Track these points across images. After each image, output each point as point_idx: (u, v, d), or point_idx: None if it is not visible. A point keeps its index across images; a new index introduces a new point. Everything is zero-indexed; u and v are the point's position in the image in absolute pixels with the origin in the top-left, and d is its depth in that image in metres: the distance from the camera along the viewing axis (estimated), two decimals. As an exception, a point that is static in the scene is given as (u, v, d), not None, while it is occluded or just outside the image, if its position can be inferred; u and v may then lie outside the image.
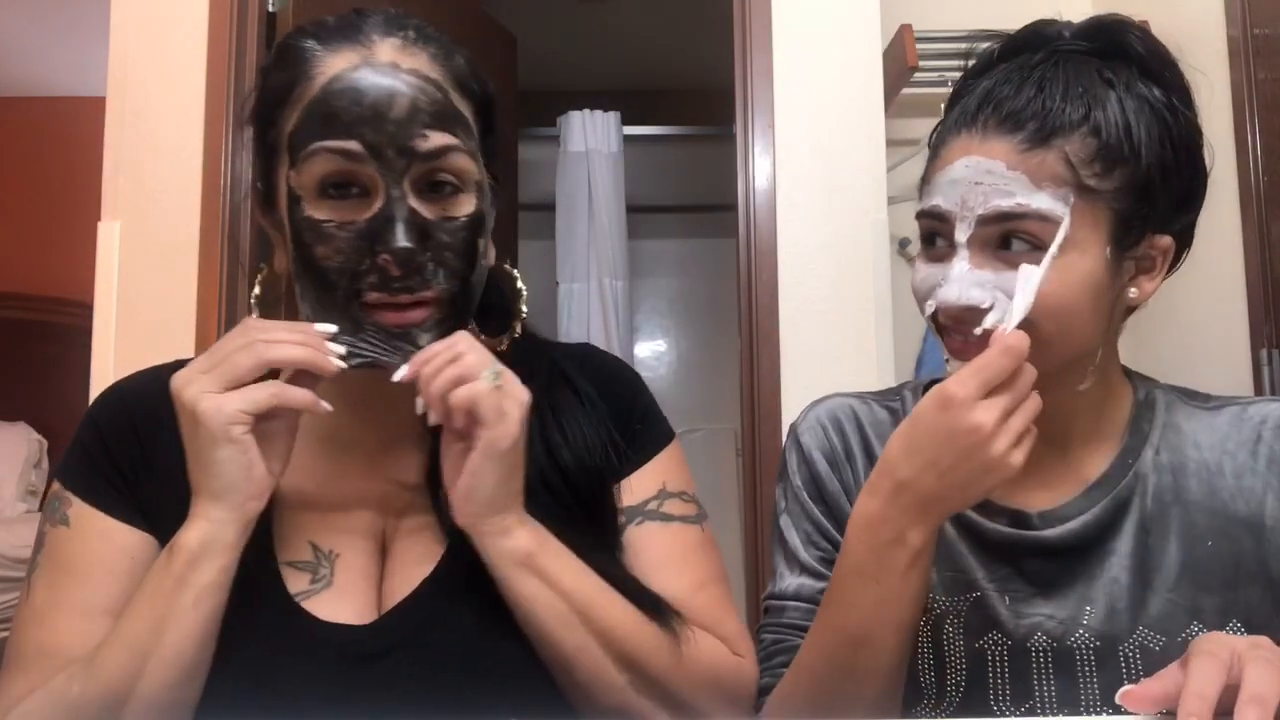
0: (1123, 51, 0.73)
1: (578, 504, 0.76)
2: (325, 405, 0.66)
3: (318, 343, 0.65)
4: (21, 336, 3.67)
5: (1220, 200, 1.80)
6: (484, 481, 0.66)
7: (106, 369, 1.69)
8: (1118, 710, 0.70)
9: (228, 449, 0.62)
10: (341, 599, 0.70)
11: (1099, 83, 0.71)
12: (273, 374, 0.66)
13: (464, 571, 0.70)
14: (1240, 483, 0.74)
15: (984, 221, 0.69)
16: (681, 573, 0.77)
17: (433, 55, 0.70)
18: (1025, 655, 0.73)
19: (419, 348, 0.67)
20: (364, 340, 0.67)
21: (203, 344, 1.68)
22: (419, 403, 0.66)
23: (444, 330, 0.68)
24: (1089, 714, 0.71)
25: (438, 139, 0.66)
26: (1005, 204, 0.68)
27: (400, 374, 0.66)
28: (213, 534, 0.63)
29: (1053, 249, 0.68)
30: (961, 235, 0.70)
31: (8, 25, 3.40)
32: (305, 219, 0.66)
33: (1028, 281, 0.68)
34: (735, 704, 0.75)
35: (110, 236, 1.73)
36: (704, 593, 0.77)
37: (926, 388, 0.85)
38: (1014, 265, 0.68)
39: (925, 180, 0.75)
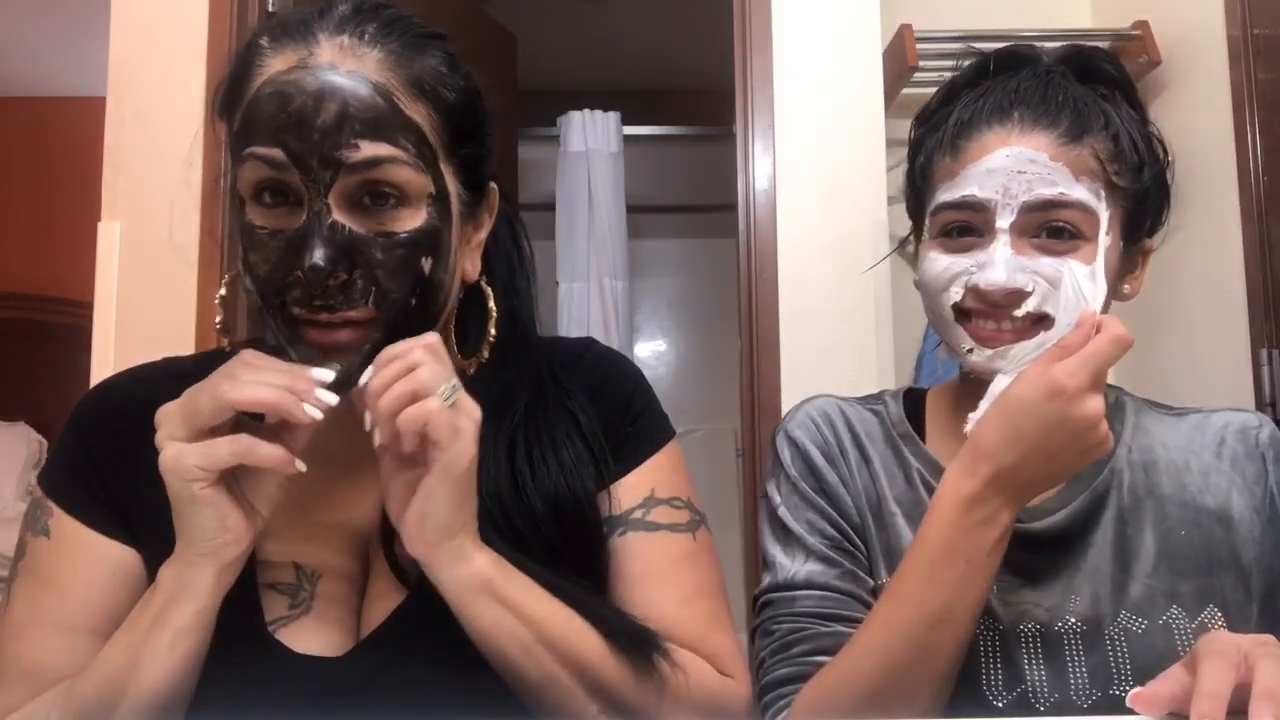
0: (1101, 76, 0.78)
1: (545, 546, 0.71)
2: (300, 465, 0.61)
3: (303, 386, 0.59)
4: (21, 336, 3.67)
5: (1220, 200, 1.80)
6: (439, 506, 0.61)
7: (106, 369, 1.68)
8: (1108, 700, 0.71)
9: (191, 505, 0.59)
10: (317, 628, 0.67)
11: (1099, 98, 0.76)
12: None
13: (437, 598, 0.67)
14: (1207, 479, 0.79)
15: (1028, 209, 0.72)
16: (666, 587, 0.73)
17: (386, 55, 0.64)
18: (1015, 640, 0.75)
19: None
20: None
21: (202, 344, 1.68)
22: (367, 418, 0.61)
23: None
24: (1078, 696, 0.73)
25: (370, 149, 0.61)
26: (1049, 193, 0.72)
27: (366, 376, 0.61)
28: (188, 577, 0.61)
29: (1102, 238, 0.72)
30: (1003, 222, 0.72)
31: (8, 25, 3.40)
32: (244, 223, 0.63)
33: (1096, 272, 0.71)
34: None
35: (110, 236, 1.72)
36: (690, 607, 0.74)
37: (906, 394, 0.90)
38: (1050, 253, 0.72)
39: (941, 177, 0.78)
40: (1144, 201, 0.77)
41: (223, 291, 0.71)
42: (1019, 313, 0.72)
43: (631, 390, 0.80)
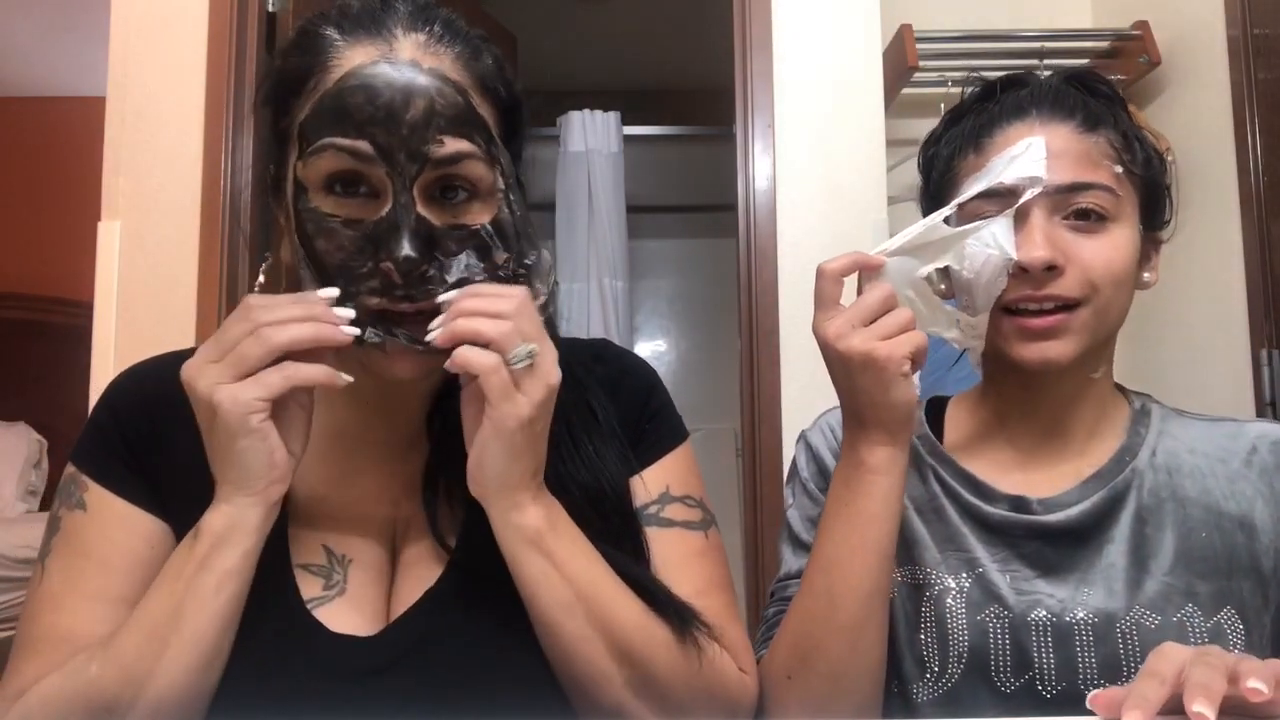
0: (1098, 93, 0.82)
1: (593, 531, 0.72)
2: (344, 377, 0.62)
3: (324, 312, 0.62)
4: (21, 336, 3.67)
5: (1220, 200, 1.80)
6: (491, 458, 0.63)
7: (106, 369, 1.69)
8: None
9: (247, 439, 0.60)
10: (352, 608, 0.69)
11: (1101, 104, 0.80)
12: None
13: (468, 579, 0.69)
14: (1233, 486, 0.79)
15: (1056, 192, 0.76)
16: (682, 579, 0.74)
17: (458, 54, 0.66)
18: (1025, 629, 0.76)
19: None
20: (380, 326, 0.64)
21: (202, 343, 1.68)
22: (436, 321, 0.63)
23: None
24: (1085, 685, 0.74)
25: (453, 145, 0.63)
26: (1074, 176, 0.76)
27: (447, 295, 0.63)
28: (236, 518, 0.62)
29: (1127, 219, 0.77)
30: (1035, 205, 0.76)
31: (8, 25, 3.41)
32: (310, 210, 0.64)
33: (922, 225, 0.76)
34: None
35: (110, 236, 1.73)
36: (706, 600, 0.74)
37: (930, 401, 0.92)
38: (1080, 234, 0.76)
39: (965, 173, 0.81)
40: (1154, 191, 0.81)
41: (261, 279, 0.70)
42: (1055, 289, 0.75)
43: (649, 389, 0.82)
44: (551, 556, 0.66)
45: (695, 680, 0.69)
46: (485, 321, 0.61)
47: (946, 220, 0.78)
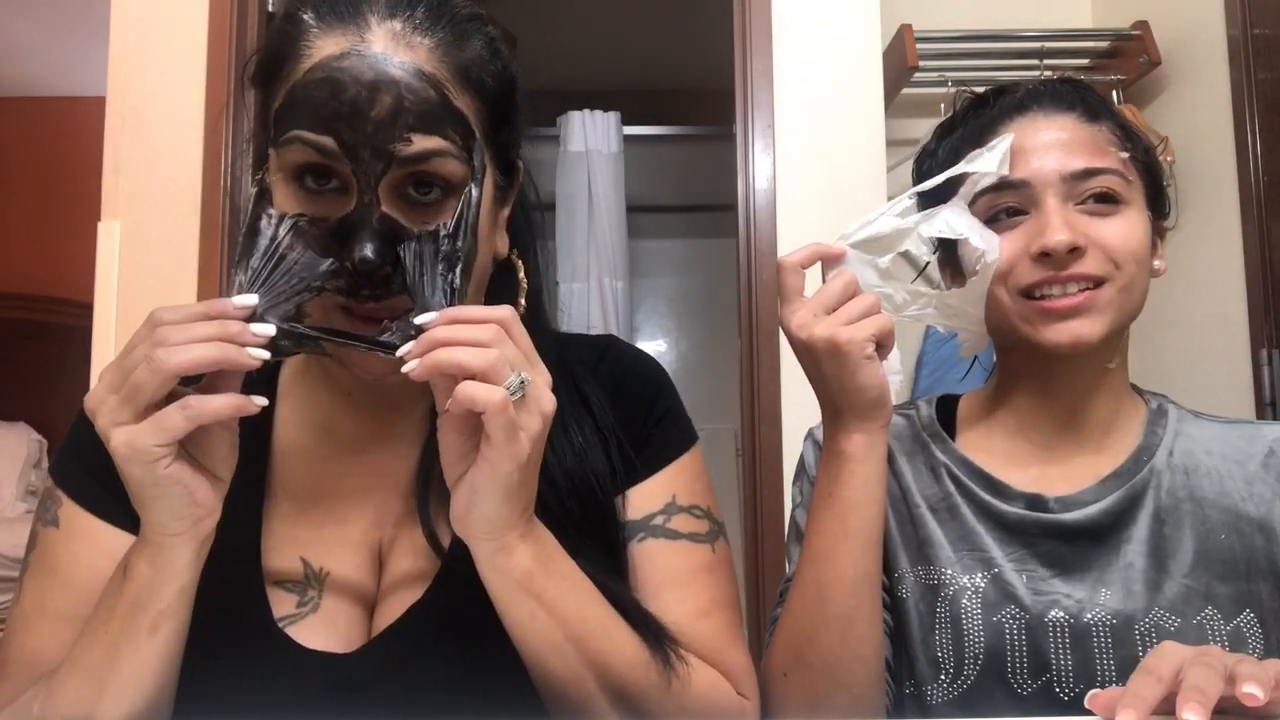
0: (1090, 92, 0.83)
1: (572, 523, 0.69)
2: (257, 403, 0.57)
3: (238, 331, 0.56)
4: (21, 336, 3.67)
5: (1220, 200, 1.80)
6: (484, 500, 0.58)
7: (106, 369, 1.69)
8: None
9: (157, 487, 0.55)
10: (327, 624, 0.66)
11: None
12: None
13: (455, 595, 0.67)
14: (1251, 488, 0.78)
15: (1071, 178, 0.77)
16: (685, 596, 0.72)
17: (436, 44, 0.63)
18: (1042, 629, 0.75)
19: (390, 342, 0.58)
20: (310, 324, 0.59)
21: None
22: (406, 348, 0.57)
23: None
24: (1104, 687, 0.72)
25: (422, 143, 0.59)
26: (1086, 162, 0.77)
27: (425, 318, 0.57)
28: (164, 560, 0.58)
29: (1139, 202, 0.78)
30: (1050, 193, 0.77)
31: (8, 25, 3.41)
32: (272, 210, 0.61)
33: (879, 214, 0.77)
34: None
35: (110, 236, 1.73)
36: (708, 620, 0.72)
37: (940, 400, 0.92)
38: (1094, 216, 0.77)
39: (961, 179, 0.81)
40: (1155, 178, 0.82)
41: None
42: (1079, 269, 0.75)
43: (656, 391, 0.78)
44: (541, 597, 0.62)
45: (685, 711, 0.66)
46: (467, 352, 0.55)
47: (906, 209, 0.78)
